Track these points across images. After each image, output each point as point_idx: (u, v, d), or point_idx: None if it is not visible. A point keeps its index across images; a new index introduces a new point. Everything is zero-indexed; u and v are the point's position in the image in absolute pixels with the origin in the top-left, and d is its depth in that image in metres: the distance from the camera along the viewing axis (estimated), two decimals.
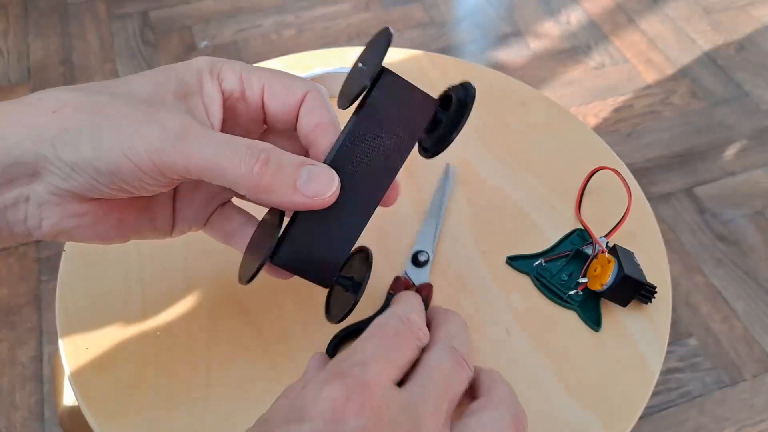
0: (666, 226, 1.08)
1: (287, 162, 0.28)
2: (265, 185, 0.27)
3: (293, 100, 0.31)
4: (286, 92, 0.31)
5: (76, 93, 0.28)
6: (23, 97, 0.28)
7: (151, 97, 0.28)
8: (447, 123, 0.30)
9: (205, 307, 0.40)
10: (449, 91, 0.31)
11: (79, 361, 0.37)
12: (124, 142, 0.27)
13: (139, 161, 0.27)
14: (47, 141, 0.27)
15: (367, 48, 0.31)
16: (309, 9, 1.47)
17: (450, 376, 0.27)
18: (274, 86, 0.31)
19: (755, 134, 1.23)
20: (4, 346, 0.93)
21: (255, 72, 0.31)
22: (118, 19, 1.44)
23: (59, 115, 0.27)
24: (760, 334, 0.96)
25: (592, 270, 0.40)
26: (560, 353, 0.39)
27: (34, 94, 0.28)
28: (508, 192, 0.47)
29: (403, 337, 0.28)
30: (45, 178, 0.27)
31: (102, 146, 0.27)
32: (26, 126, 0.27)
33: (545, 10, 1.48)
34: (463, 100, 0.30)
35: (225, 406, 0.36)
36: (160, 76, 0.30)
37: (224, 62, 0.31)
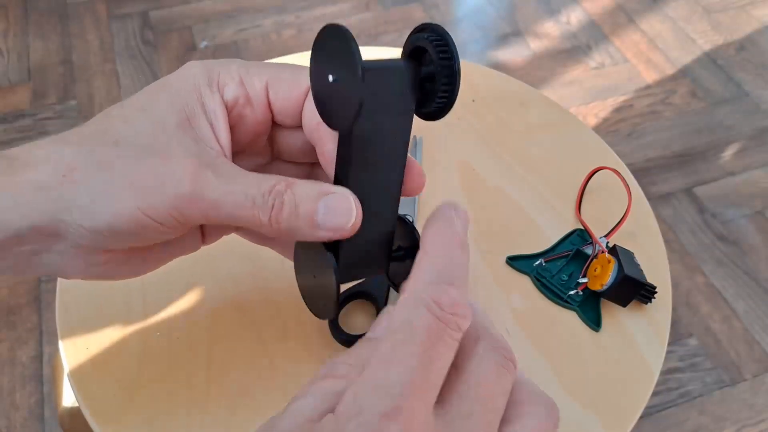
0: (666, 226, 1.08)
1: (302, 199, 0.27)
2: (285, 230, 0.27)
3: (298, 93, 0.30)
4: (290, 87, 0.30)
5: (79, 150, 0.27)
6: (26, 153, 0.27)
7: (156, 140, 0.27)
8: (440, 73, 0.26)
9: (205, 307, 0.40)
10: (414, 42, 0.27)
11: (79, 361, 0.37)
12: (142, 203, 0.26)
13: (158, 218, 0.26)
14: (63, 207, 0.26)
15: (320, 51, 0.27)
16: (309, 9, 1.47)
17: (497, 388, 0.22)
18: (276, 84, 0.30)
19: (755, 134, 1.23)
20: (4, 346, 0.93)
21: (254, 70, 0.30)
22: (118, 19, 1.44)
23: (69, 179, 0.26)
24: (760, 334, 0.96)
25: (592, 270, 0.40)
26: (560, 353, 0.39)
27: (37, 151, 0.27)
28: (508, 192, 0.47)
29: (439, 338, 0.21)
30: (65, 237, 0.27)
31: (119, 210, 0.26)
32: (38, 190, 0.26)
33: (545, 10, 1.48)
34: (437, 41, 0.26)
35: (225, 406, 0.36)
36: (160, 105, 0.28)
37: (220, 66, 0.30)
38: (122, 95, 1.28)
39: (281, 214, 0.27)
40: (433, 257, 0.24)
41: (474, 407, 0.21)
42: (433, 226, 0.25)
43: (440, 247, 0.24)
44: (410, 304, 0.22)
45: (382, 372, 0.20)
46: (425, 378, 0.20)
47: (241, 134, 0.31)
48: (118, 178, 0.26)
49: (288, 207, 0.27)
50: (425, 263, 0.24)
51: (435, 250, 0.24)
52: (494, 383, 0.22)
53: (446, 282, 0.23)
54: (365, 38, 1.40)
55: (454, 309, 0.22)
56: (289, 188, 0.27)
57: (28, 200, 0.26)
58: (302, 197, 0.27)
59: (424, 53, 0.27)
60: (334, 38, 0.25)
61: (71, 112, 1.25)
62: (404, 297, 0.23)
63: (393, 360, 0.20)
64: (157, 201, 0.26)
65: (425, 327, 0.21)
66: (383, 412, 0.19)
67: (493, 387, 0.22)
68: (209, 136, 0.29)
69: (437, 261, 0.24)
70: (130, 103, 0.29)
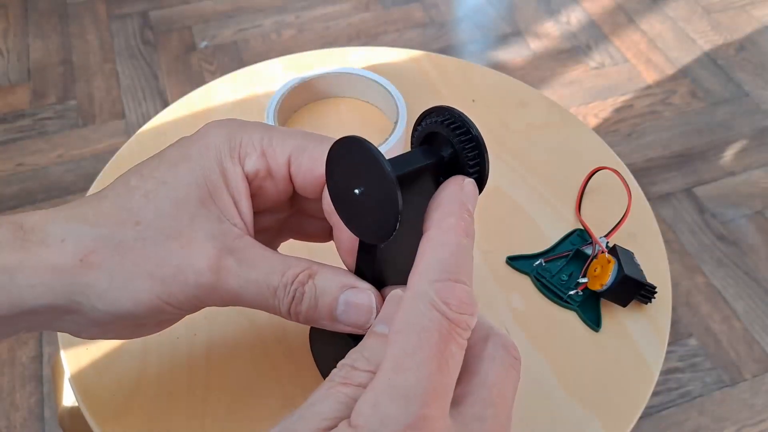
0: (666, 226, 1.08)
1: (323, 291, 0.26)
2: (303, 320, 0.27)
3: (322, 170, 0.27)
4: (312, 162, 0.28)
5: (97, 231, 0.26)
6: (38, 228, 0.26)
7: (177, 222, 0.26)
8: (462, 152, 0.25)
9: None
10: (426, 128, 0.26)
11: (79, 361, 0.37)
12: (162, 291, 0.26)
13: (178, 304, 0.26)
14: (79, 291, 0.25)
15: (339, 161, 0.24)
16: (309, 9, 1.47)
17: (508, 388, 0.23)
18: (300, 157, 0.28)
19: (755, 134, 1.23)
20: (4, 346, 0.93)
21: (278, 141, 0.28)
22: (118, 19, 1.44)
23: (86, 263, 0.25)
24: (760, 334, 0.96)
25: (592, 270, 0.40)
26: (560, 353, 0.39)
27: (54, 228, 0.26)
28: (508, 192, 0.47)
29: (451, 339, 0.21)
30: (79, 313, 0.27)
31: (138, 297, 0.26)
32: (54, 272, 0.25)
33: (545, 10, 1.48)
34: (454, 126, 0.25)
35: (225, 406, 0.36)
36: (182, 179, 0.27)
37: (242, 132, 0.28)
38: (122, 95, 1.28)
39: (300, 306, 0.26)
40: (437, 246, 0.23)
41: (488, 410, 0.22)
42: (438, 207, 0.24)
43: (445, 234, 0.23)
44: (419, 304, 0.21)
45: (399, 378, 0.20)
46: (441, 382, 0.20)
47: (260, 203, 0.30)
48: (137, 264, 0.26)
49: (308, 300, 0.26)
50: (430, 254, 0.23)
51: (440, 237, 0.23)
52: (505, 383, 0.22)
53: (452, 276, 0.22)
54: (365, 38, 1.40)
55: (462, 308, 0.21)
56: (311, 279, 0.26)
57: (44, 282, 0.25)
58: (323, 290, 0.26)
59: (436, 136, 0.26)
60: (353, 152, 0.23)
61: (71, 112, 1.25)
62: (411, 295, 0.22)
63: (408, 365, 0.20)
64: (176, 290, 0.26)
65: (437, 329, 0.21)
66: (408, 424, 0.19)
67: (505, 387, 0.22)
68: (232, 212, 0.27)
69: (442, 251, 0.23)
70: (150, 173, 0.27)
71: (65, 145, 1.20)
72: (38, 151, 1.19)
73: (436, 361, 0.20)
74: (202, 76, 1.31)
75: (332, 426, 0.21)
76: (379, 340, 0.23)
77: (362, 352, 0.23)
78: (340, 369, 0.23)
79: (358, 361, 0.22)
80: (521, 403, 0.37)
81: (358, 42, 1.39)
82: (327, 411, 0.21)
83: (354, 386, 0.21)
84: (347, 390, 0.21)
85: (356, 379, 0.22)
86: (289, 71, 0.55)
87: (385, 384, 0.20)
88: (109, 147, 1.19)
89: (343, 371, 0.22)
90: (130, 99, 1.28)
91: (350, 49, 0.56)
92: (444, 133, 0.25)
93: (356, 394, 0.21)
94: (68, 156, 1.18)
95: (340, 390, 0.21)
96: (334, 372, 0.22)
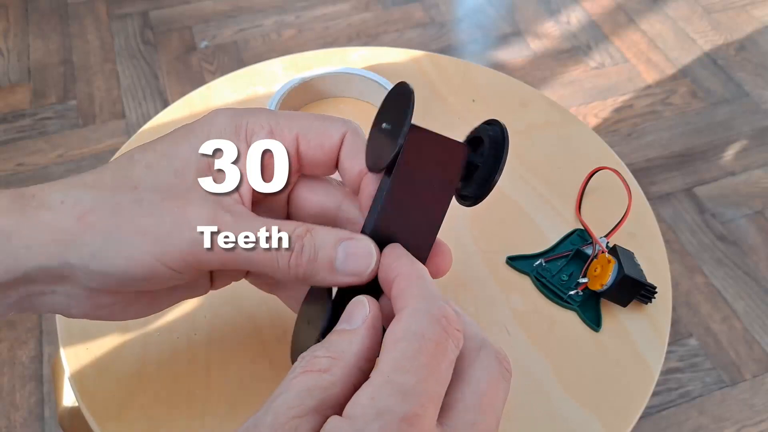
0: (666, 226, 1.08)
1: (322, 243, 0.27)
2: (303, 274, 0.27)
3: (331, 143, 0.29)
4: (321, 137, 0.29)
5: (98, 193, 0.26)
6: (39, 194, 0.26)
7: (175, 185, 0.27)
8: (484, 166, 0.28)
9: (205, 307, 0.40)
10: (478, 132, 0.29)
11: (79, 361, 0.37)
12: (156, 248, 0.26)
13: (173, 264, 0.26)
14: (73, 251, 0.26)
15: (386, 104, 0.29)
16: (309, 9, 1.47)
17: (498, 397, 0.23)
18: (308, 134, 0.29)
19: (755, 134, 1.23)
20: (4, 346, 0.93)
21: (284, 122, 0.29)
22: (118, 19, 1.44)
23: (83, 222, 0.26)
24: (760, 334, 0.96)
25: (592, 270, 0.40)
26: (560, 353, 0.39)
27: (54, 193, 0.26)
28: (508, 192, 0.47)
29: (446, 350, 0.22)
30: (72, 280, 0.27)
31: (132, 255, 0.26)
32: (50, 232, 0.26)
33: (545, 10, 1.48)
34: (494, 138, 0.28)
35: (225, 406, 0.36)
36: (183, 152, 0.28)
37: (249, 115, 0.29)
38: (122, 95, 1.28)
39: (301, 258, 0.26)
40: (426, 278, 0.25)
41: (477, 416, 0.22)
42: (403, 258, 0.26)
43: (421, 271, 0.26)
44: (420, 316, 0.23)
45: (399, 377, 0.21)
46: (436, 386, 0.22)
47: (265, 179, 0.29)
48: (132, 222, 0.26)
49: (307, 251, 0.26)
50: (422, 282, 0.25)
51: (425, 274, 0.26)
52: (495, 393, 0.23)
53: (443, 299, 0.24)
54: (365, 38, 1.40)
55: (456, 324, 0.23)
56: (309, 233, 0.27)
57: (40, 242, 0.25)
58: (322, 242, 0.27)
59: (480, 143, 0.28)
60: (401, 95, 0.27)
61: (71, 112, 1.25)
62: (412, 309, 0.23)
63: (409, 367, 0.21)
64: (172, 247, 0.26)
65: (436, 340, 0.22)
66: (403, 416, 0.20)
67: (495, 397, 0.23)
68: None
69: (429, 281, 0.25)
70: (153, 148, 0.28)
71: (65, 145, 1.20)
72: (38, 151, 1.19)
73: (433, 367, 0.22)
74: (202, 76, 1.31)
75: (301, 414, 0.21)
76: (341, 336, 0.24)
77: (322, 343, 0.24)
78: (301, 360, 0.23)
79: (318, 350, 0.23)
80: (521, 403, 0.37)
81: (358, 42, 1.39)
82: (292, 399, 0.22)
83: (315, 372, 0.23)
84: (309, 377, 0.22)
85: (317, 366, 0.23)
86: (289, 71, 0.55)
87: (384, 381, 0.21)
88: (109, 147, 1.19)
89: (303, 361, 0.23)
90: (130, 99, 1.28)
91: (350, 49, 0.56)
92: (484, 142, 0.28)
93: (318, 379, 0.22)
94: (68, 156, 1.18)
95: (302, 378, 0.22)
96: (295, 364, 0.23)
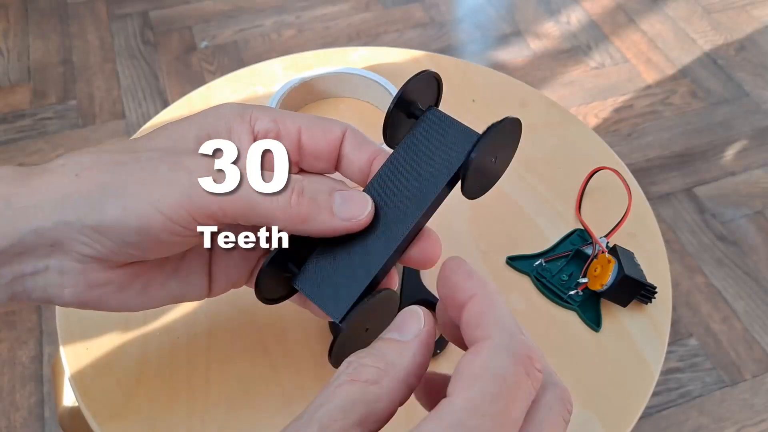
0: (666, 226, 1.08)
1: (320, 189, 0.27)
2: (304, 215, 0.27)
3: (333, 137, 0.30)
4: (323, 132, 0.29)
5: (98, 155, 0.27)
6: (46, 163, 0.27)
7: (174, 148, 0.28)
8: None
9: (205, 307, 0.40)
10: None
11: (79, 362, 0.37)
12: (152, 195, 0.26)
13: (170, 212, 0.26)
14: (69, 207, 0.26)
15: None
16: (309, 9, 1.47)
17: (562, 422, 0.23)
18: (310, 128, 0.30)
19: (755, 134, 1.23)
20: (4, 346, 0.93)
21: (288, 116, 0.30)
22: (118, 19, 1.44)
23: (81, 178, 0.26)
24: (760, 334, 0.96)
25: (592, 270, 0.40)
26: (560, 353, 0.39)
27: (57, 159, 0.27)
28: (508, 192, 0.47)
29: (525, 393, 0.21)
30: (66, 247, 0.26)
31: (128, 203, 0.26)
32: (47, 191, 0.26)
33: (545, 10, 1.48)
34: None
35: (225, 406, 0.36)
36: (184, 124, 0.29)
37: (255, 107, 0.30)
38: (122, 95, 1.28)
39: (302, 197, 0.27)
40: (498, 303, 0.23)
41: None
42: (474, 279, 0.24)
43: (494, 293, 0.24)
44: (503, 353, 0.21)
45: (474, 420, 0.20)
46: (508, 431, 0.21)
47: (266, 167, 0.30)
48: (131, 175, 0.26)
49: (308, 192, 0.27)
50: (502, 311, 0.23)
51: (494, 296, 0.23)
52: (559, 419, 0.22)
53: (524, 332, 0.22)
54: (365, 38, 1.40)
55: (538, 365, 0.22)
56: (307, 179, 0.27)
57: (36, 202, 0.26)
58: (318, 189, 0.27)
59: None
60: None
61: (71, 112, 1.25)
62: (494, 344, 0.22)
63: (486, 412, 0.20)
64: (170, 192, 0.26)
65: (518, 384, 0.21)
66: None
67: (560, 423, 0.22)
68: None
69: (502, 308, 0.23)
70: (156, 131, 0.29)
71: (65, 145, 1.20)
72: (38, 151, 1.19)
73: (510, 414, 0.20)
74: (202, 76, 1.31)
75: (346, 428, 0.20)
76: (389, 345, 0.23)
77: (370, 351, 0.23)
78: (347, 366, 0.22)
79: (366, 358, 0.22)
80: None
81: (358, 42, 1.39)
82: (337, 411, 0.21)
83: (362, 383, 0.21)
84: (356, 387, 0.21)
85: (364, 376, 0.21)
86: (289, 71, 0.55)
87: (457, 421, 0.20)
88: None
89: (350, 368, 0.22)
90: (130, 99, 1.28)
91: (350, 49, 0.56)
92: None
93: (366, 391, 0.21)
94: None
95: (348, 388, 0.21)
96: (339, 370, 0.22)
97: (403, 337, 0.23)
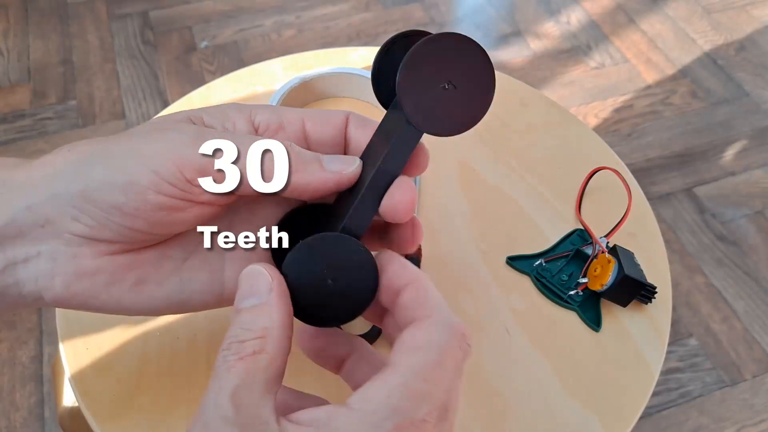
0: (666, 226, 1.08)
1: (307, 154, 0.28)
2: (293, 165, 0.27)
3: (338, 121, 0.30)
4: (327, 118, 0.30)
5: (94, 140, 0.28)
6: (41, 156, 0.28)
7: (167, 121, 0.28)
8: None
9: None
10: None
11: (79, 362, 0.37)
12: (139, 152, 0.26)
13: (156, 165, 0.25)
14: (59, 179, 0.26)
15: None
16: (309, 9, 1.47)
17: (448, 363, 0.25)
18: (313, 117, 0.30)
19: (755, 134, 1.23)
20: (4, 346, 0.93)
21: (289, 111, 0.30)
22: (118, 19, 1.44)
23: (72, 152, 0.27)
24: (760, 334, 0.96)
25: (592, 270, 0.40)
26: (560, 353, 0.39)
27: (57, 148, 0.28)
28: (508, 192, 0.47)
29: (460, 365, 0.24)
30: (57, 225, 0.26)
31: (115, 162, 0.26)
32: (41, 169, 0.27)
33: (545, 10, 1.48)
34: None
35: None
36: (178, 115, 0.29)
37: (255, 105, 0.30)
38: (122, 95, 1.28)
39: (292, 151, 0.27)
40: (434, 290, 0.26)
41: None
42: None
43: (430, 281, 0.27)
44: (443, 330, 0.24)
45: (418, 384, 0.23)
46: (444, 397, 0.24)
47: None
48: (122, 145, 0.27)
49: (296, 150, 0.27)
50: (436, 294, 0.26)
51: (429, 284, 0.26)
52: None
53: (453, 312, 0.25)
54: (365, 38, 1.40)
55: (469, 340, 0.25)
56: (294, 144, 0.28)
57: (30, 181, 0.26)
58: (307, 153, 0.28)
59: None
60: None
61: (71, 112, 1.25)
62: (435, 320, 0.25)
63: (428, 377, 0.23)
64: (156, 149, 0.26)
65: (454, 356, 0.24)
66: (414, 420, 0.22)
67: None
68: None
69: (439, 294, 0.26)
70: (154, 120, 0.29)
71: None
72: (38, 151, 1.19)
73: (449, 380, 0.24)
74: (202, 76, 1.31)
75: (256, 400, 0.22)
76: (253, 312, 0.24)
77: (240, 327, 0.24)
78: (228, 348, 0.23)
79: (242, 335, 0.23)
80: (521, 403, 0.37)
81: (358, 42, 1.39)
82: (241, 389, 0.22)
83: (250, 357, 0.23)
84: (247, 363, 0.23)
85: (249, 349, 0.23)
86: (289, 71, 0.55)
87: (402, 383, 0.23)
88: None
89: (232, 349, 0.23)
90: (130, 99, 1.28)
91: (350, 49, 0.56)
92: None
93: (256, 362, 0.23)
94: None
95: (242, 365, 0.23)
96: (223, 354, 0.23)
97: (260, 299, 0.25)
